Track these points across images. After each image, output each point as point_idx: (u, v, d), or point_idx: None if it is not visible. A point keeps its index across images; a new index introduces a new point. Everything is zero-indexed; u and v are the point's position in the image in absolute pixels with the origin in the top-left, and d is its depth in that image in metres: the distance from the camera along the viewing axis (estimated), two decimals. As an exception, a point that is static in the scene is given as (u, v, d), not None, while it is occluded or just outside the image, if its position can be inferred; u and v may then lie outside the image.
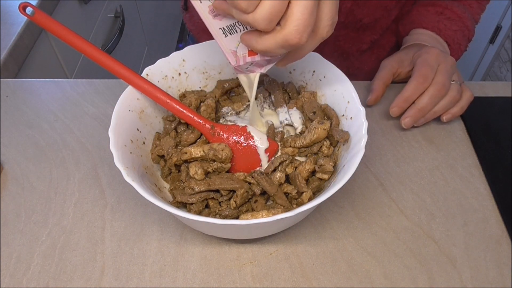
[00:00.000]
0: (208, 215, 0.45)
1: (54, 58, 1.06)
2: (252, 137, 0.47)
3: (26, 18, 0.91)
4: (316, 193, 0.47)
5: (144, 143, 0.49)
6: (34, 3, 0.96)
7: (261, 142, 0.47)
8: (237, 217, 0.45)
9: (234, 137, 0.48)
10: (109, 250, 0.48)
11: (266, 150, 0.47)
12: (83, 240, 0.49)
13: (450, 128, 0.60)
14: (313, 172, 0.47)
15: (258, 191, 0.45)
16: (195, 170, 0.45)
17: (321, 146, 0.48)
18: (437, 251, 0.48)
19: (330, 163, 0.45)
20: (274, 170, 0.46)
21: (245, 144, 0.47)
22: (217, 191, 0.46)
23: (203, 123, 0.48)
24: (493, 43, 1.67)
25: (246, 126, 0.48)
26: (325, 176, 0.46)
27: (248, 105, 0.54)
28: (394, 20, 0.69)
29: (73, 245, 0.48)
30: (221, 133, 0.48)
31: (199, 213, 0.45)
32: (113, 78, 0.64)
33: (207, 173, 0.47)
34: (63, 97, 0.64)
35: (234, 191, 0.45)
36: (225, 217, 0.45)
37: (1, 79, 0.67)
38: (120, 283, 0.46)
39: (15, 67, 0.87)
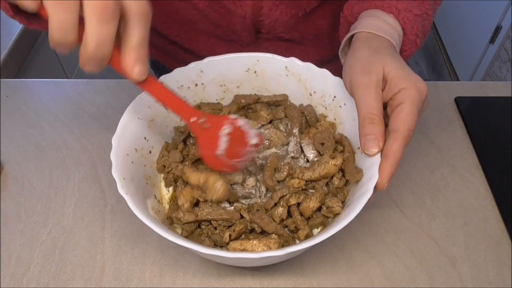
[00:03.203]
0: (199, 235, 0.44)
1: (54, 58, 1.06)
2: (244, 133, 0.44)
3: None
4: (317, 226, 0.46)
5: (150, 152, 0.48)
6: (34, 3, 0.95)
7: (252, 138, 0.44)
8: (227, 243, 0.43)
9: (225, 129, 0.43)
10: (109, 250, 0.48)
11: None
12: (83, 240, 0.49)
13: (450, 128, 0.61)
14: (319, 207, 0.45)
15: (257, 229, 0.43)
16: (182, 202, 0.43)
17: (332, 177, 0.45)
18: (437, 251, 0.48)
19: (339, 204, 0.43)
20: (275, 204, 0.44)
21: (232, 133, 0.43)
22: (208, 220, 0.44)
23: (189, 114, 0.41)
24: (493, 43, 1.67)
25: (236, 118, 0.44)
26: (331, 215, 0.44)
27: (263, 125, 0.52)
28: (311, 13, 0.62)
29: (73, 245, 0.48)
30: (208, 125, 0.42)
31: (191, 233, 0.44)
32: (113, 78, 0.64)
33: (197, 203, 0.45)
34: (63, 97, 0.64)
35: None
36: (215, 242, 0.43)
37: (1, 79, 0.67)
38: (120, 283, 0.46)
39: (15, 67, 0.87)
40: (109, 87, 0.65)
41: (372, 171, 0.40)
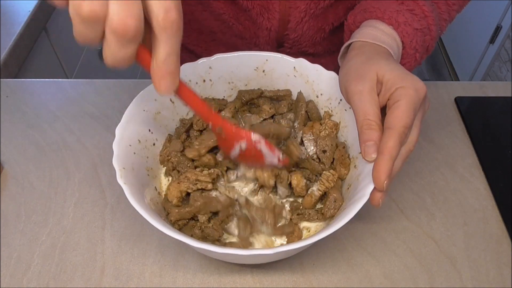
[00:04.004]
0: (192, 228, 0.44)
1: (54, 58, 1.06)
2: (261, 153, 0.43)
3: (26, 18, 0.91)
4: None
5: (154, 144, 0.49)
6: (34, 3, 0.96)
7: (270, 159, 0.44)
8: (220, 237, 0.44)
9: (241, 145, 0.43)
10: (109, 250, 0.48)
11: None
12: (83, 240, 0.49)
13: (450, 128, 0.61)
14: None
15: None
16: (173, 195, 0.44)
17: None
18: (437, 251, 0.48)
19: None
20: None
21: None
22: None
23: (208, 119, 0.41)
24: (493, 43, 1.67)
25: (258, 139, 0.42)
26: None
27: (265, 119, 0.52)
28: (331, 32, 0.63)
29: (73, 245, 0.48)
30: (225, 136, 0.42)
31: (184, 225, 0.44)
32: (113, 78, 0.64)
33: (187, 194, 0.45)
34: (63, 97, 0.64)
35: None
36: (207, 235, 0.43)
37: (1, 79, 0.67)
38: (120, 283, 0.46)
39: (15, 67, 0.87)
40: (109, 87, 0.65)
41: (371, 177, 0.39)
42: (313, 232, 0.46)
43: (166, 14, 0.29)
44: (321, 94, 0.51)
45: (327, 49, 0.66)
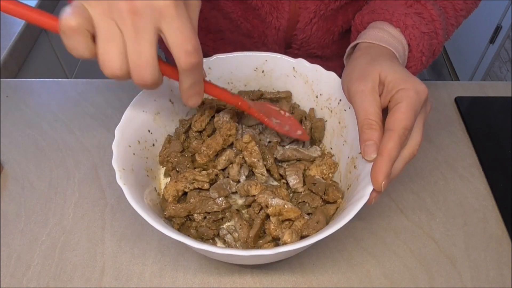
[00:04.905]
0: (188, 228, 0.44)
1: (54, 58, 1.06)
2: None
3: (26, 18, 0.91)
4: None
5: (153, 145, 0.48)
6: (34, 3, 0.96)
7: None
8: (215, 236, 0.44)
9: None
10: (109, 250, 0.48)
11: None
12: (83, 240, 0.49)
13: (450, 128, 0.61)
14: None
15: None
16: (169, 193, 0.44)
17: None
18: (437, 251, 0.48)
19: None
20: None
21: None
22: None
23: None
24: (493, 43, 1.67)
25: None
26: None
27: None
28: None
29: (73, 245, 0.48)
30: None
31: (181, 225, 0.44)
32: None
33: (185, 194, 0.45)
34: (63, 97, 0.64)
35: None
36: (201, 234, 0.43)
37: (1, 79, 0.67)
38: (120, 283, 0.46)
39: (15, 67, 0.87)
40: (109, 87, 0.65)
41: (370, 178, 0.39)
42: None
43: (187, 58, 0.33)
44: (320, 94, 0.51)
45: (336, 53, 0.66)
